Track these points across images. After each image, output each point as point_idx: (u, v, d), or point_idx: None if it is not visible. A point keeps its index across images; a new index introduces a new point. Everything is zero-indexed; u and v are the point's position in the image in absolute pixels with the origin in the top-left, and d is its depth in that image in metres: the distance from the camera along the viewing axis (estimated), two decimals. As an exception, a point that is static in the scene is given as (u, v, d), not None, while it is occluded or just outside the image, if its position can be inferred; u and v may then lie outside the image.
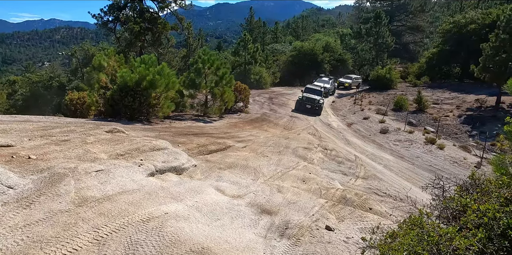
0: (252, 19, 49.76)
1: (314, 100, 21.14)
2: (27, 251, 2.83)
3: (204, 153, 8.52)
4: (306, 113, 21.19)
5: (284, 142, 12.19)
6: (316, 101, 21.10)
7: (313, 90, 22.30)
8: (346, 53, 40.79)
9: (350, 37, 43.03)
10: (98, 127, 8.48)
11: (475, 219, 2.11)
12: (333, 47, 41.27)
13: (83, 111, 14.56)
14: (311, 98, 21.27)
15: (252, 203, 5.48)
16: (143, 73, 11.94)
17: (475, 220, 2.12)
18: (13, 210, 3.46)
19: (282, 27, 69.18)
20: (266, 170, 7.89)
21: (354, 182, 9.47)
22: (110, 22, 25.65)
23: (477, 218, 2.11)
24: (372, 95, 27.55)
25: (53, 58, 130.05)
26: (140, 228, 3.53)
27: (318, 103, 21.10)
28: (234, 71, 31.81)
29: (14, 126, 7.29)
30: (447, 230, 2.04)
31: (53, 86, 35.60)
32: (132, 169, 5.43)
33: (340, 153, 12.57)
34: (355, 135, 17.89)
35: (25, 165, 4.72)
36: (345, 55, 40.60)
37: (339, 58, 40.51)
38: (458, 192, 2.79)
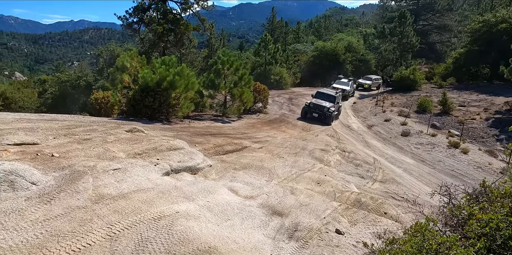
0: (274, 19, 49.69)
1: (323, 108, 18.17)
2: (45, 244, 3.01)
3: (220, 153, 8.65)
4: (313, 122, 18.30)
5: (301, 143, 12.16)
6: (325, 109, 18.12)
7: (325, 96, 19.25)
8: (369, 53, 40.10)
9: (373, 36, 42.27)
10: (119, 127, 8.79)
11: (478, 229, 2.08)
12: (356, 47, 40.65)
13: (107, 110, 15.08)
14: (319, 105, 18.38)
15: (264, 204, 5.53)
16: (163, 74, 12.23)
17: (477, 230, 2.09)
18: (35, 205, 3.68)
19: (305, 27, 68.75)
20: (281, 172, 7.92)
21: (371, 185, 9.34)
22: (135, 24, 26.38)
23: (479, 228, 2.07)
24: (394, 97, 26.92)
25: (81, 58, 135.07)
26: (151, 226, 3.67)
27: (327, 112, 18.11)
28: (255, 72, 31.94)
29: (41, 124, 7.68)
30: (446, 238, 2.03)
31: (80, 85, 36.94)
32: (148, 168, 5.61)
33: (359, 156, 12.41)
34: (375, 137, 17.58)
35: (48, 163, 4.99)
36: (367, 55, 39.91)
37: (362, 58, 39.86)
38: (466, 200, 2.74)
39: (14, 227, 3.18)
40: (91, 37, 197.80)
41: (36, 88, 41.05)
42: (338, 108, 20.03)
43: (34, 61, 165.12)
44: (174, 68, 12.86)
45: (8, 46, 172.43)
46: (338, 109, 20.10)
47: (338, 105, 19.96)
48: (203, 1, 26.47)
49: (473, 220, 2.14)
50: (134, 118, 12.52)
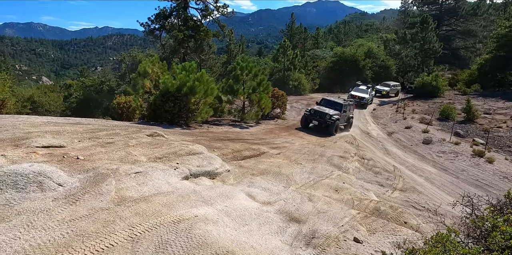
0: (293, 25, 49.85)
1: (325, 115, 16.09)
2: (70, 243, 3.13)
3: (238, 159, 8.72)
4: (313, 132, 16.34)
5: (320, 150, 12.08)
6: (327, 116, 16.03)
7: (331, 103, 17.26)
8: (389, 59, 39.48)
9: (394, 42, 41.59)
10: (140, 131, 9.01)
11: (502, 241, 2.03)
12: (376, 53, 40.16)
13: (128, 114, 15.48)
14: (321, 112, 16.33)
15: (281, 211, 5.53)
16: (183, 80, 12.48)
17: (501, 242, 2.04)
18: (61, 206, 3.83)
19: (324, 33, 68.53)
20: (299, 178, 7.90)
21: (391, 194, 9.16)
22: (157, 30, 27.07)
23: (503, 240, 2.02)
24: (416, 103, 26.36)
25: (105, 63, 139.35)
26: (171, 228, 3.75)
27: (329, 120, 16.00)
28: (273, 77, 32.06)
29: (67, 128, 7.98)
30: (468, 250, 1.99)
31: (103, 90, 38.07)
32: (168, 172, 5.73)
33: (378, 163, 12.20)
34: (396, 145, 17.24)
35: (73, 165, 5.18)
36: (388, 61, 39.31)
37: (382, 64, 39.30)
38: (490, 211, 2.67)
39: (42, 226, 3.33)
40: (114, 43, 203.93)
41: (61, 92, 42.61)
42: (347, 118, 17.88)
43: (60, 66, 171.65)
44: (194, 74, 13.11)
45: (37, 52, 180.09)
46: (347, 120, 18.02)
47: (347, 114, 17.78)
48: (223, 8, 26.94)
49: (496, 232, 2.09)
50: (154, 122, 12.79)
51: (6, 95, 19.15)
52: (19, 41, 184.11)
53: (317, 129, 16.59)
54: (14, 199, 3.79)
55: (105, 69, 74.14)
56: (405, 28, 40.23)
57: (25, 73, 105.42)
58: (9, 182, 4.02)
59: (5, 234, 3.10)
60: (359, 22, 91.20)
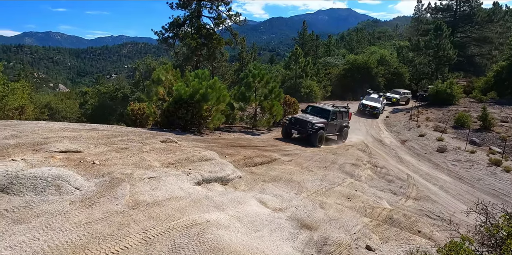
0: (305, 33, 50.10)
1: (306, 124, 13.98)
2: (87, 245, 3.22)
3: (250, 165, 8.76)
4: (294, 142, 14.31)
5: (331, 157, 12.03)
6: (308, 125, 13.92)
7: (317, 111, 15.34)
8: (402, 67, 39.16)
9: (407, 49, 41.31)
10: (154, 137, 9.17)
11: (517, 249, 2.01)
12: (389, 60, 39.93)
13: (142, 121, 15.75)
14: (301, 120, 14.25)
15: (292, 217, 5.53)
16: (196, 87, 12.67)
17: (516, 250, 2.01)
18: (78, 209, 3.94)
19: (336, 40, 68.60)
20: (310, 185, 7.88)
21: (404, 202, 9.04)
22: (170, 38, 27.61)
23: (518, 248, 2.00)
24: (430, 111, 26.02)
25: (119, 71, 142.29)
26: (184, 233, 3.80)
27: (311, 128, 13.85)
28: (285, 85, 32.15)
29: (83, 134, 8.19)
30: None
31: (118, 97, 38.83)
32: (181, 177, 5.81)
33: (391, 171, 12.06)
34: (409, 152, 17.00)
35: (90, 169, 5.32)
36: (401, 69, 38.99)
37: (395, 71, 39.00)
38: (505, 219, 2.64)
39: (60, 228, 3.43)
40: (129, 51, 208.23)
41: (77, 99, 43.69)
42: (338, 127, 15.84)
43: (76, 74, 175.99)
44: (206, 81, 13.30)
45: (54, 60, 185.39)
46: (339, 129, 15.93)
47: (337, 123, 15.63)
48: (235, 16, 27.34)
49: (510, 240, 2.07)
50: (167, 129, 12.98)
51: (25, 101, 19.73)
52: (37, 49, 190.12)
53: (300, 140, 14.48)
54: (33, 201, 3.92)
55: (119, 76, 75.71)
56: (418, 35, 39.96)
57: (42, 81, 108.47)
58: (29, 185, 4.16)
59: (25, 235, 3.21)
60: (371, 30, 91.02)
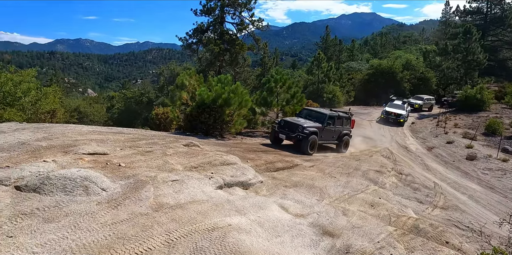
0: (327, 38, 49.80)
1: (296, 127, 12.34)
2: (112, 245, 3.30)
3: (271, 170, 8.73)
4: (286, 150, 12.47)
5: (354, 163, 11.80)
6: (298, 128, 12.28)
7: (312, 114, 13.74)
8: (429, 71, 38.08)
9: (434, 54, 40.16)
10: (177, 141, 9.32)
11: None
12: (415, 64, 38.96)
13: (166, 125, 16.08)
14: (291, 123, 12.62)
15: (314, 224, 5.45)
16: (219, 92, 12.83)
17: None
18: (104, 209, 4.05)
19: (359, 45, 67.76)
20: (333, 192, 7.76)
21: (431, 211, 8.71)
22: (194, 44, 28.20)
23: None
24: (458, 117, 25.09)
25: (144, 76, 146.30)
26: (205, 236, 3.83)
27: (301, 133, 12.17)
28: (307, 90, 32.01)
29: (109, 137, 8.44)
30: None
31: (143, 101, 39.87)
32: (203, 181, 5.87)
33: (417, 179, 11.68)
34: (436, 160, 16.43)
35: (116, 171, 5.47)
36: (428, 73, 37.92)
37: (421, 76, 37.98)
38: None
39: (87, 228, 3.54)
40: (154, 57, 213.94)
41: (104, 103, 45.20)
42: (336, 134, 13.94)
43: (104, 79, 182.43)
44: (229, 86, 13.44)
45: (84, 65, 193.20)
46: (337, 137, 14.01)
47: (335, 129, 13.81)
48: (258, 22, 27.60)
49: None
50: (190, 133, 13.18)
51: (56, 105, 20.60)
52: (68, 56, 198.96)
53: (293, 146, 12.69)
54: (63, 201, 4.07)
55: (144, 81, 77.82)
56: (446, 39, 38.85)
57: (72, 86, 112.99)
58: (59, 186, 4.32)
59: (55, 233, 3.33)
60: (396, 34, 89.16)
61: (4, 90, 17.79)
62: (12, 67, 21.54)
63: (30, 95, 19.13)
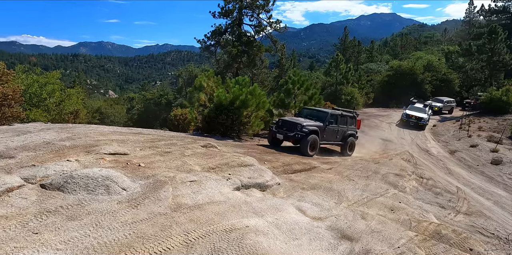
0: (346, 39, 49.24)
1: (295, 126, 11.63)
2: (132, 244, 3.36)
3: (289, 172, 8.69)
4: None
5: (373, 166, 11.58)
6: (298, 127, 11.54)
7: (313, 114, 13.04)
8: (451, 73, 37.01)
9: (457, 54, 39.03)
10: (195, 142, 9.42)
11: None
12: (436, 66, 37.95)
13: (184, 126, 16.30)
14: (291, 122, 12.01)
15: (332, 227, 5.38)
16: (236, 93, 12.89)
17: None
18: (124, 209, 4.13)
19: (379, 46, 66.69)
20: (351, 195, 7.63)
21: (454, 217, 8.44)
22: (212, 46, 28.49)
23: None
24: (483, 120, 24.23)
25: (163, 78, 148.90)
26: (223, 237, 3.84)
27: (300, 132, 11.45)
28: (325, 91, 31.72)
29: (130, 137, 8.62)
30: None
31: (162, 103, 40.57)
32: (220, 182, 5.90)
33: (439, 183, 11.35)
34: (459, 164, 15.92)
35: (135, 171, 5.57)
36: (450, 75, 36.85)
37: (443, 78, 36.95)
38: None
39: (108, 226, 3.61)
40: (173, 59, 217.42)
41: (125, 104, 46.25)
42: (341, 135, 13.11)
43: (124, 80, 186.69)
44: (246, 87, 13.49)
45: (105, 68, 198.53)
46: (342, 137, 13.19)
47: (339, 129, 12.97)
48: (275, 24, 27.63)
49: None
50: (208, 134, 13.29)
51: (79, 106, 21.22)
52: (90, 58, 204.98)
53: (289, 147, 12.12)
54: (85, 200, 4.18)
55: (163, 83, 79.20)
56: (470, 39, 37.69)
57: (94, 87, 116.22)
58: (82, 184, 4.44)
59: (77, 231, 3.42)
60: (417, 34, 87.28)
61: (30, 91, 18.49)
62: (38, 69, 22.40)
63: (54, 96, 19.81)
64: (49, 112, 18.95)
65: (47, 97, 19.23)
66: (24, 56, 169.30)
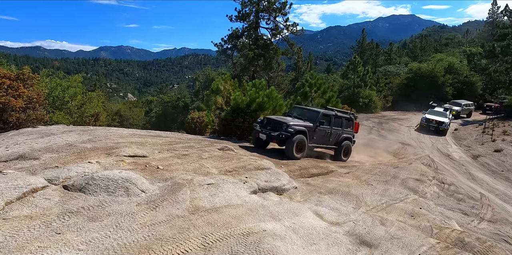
0: (363, 41, 48.65)
1: (281, 125, 10.44)
2: (151, 246, 3.39)
3: (305, 176, 8.61)
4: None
5: (393, 171, 11.34)
6: (283, 126, 10.32)
7: (303, 113, 11.85)
8: (474, 75, 35.94)
9: (480, 56, 37.85)
10: (212, 145, 9.48)
11: None
12: (458, 68, 36.97)
13: (201, 129, 16.44)
14: (276, 121, 10.74)
15: (350, 232, 5.29)
16: (253, 96, 12.91)
17: None
18: (143, 210, 4.19)
19: (398, 48, 65.56)
20: (369, 200, 7.49)
21: (477, 224, 8.15)
22: (229, 50, 28.68)
23: None
24: (507, 124, 23.39)
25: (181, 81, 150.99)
26: (240, 240, 3.83)
27: (285, 132, 10.24)
28: (342, 94, 31.40)
29: (148, 140, 8.76)
30: None
31: (179, 106, 41.10)
32: (237, 185, 5.90)
33: (461, 189, 11.01)
34: (482, 169, 15.40)
35: (154, 174, 5.65)
36: (472, 77, 35.81)
37: (465, 80, 35.94)
38: None
39: (128, 228, 3.67)
40: (190, 62, 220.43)
41: (143, 107, 47.12)
42: (335, 137, 11.96)
43: (143, 84, 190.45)
44: (263, 90, 13.49)
45: (124, 71, 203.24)
46: (336, 140, 12.03)
47: (332, 131, 11.78)
48: (292, 27, 27.59)
49: None
50: (225, 137, 13.35)
51: (99, 109, 21.75)
52: (110, 62, 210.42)
53: (274, 148, 11.23)
54: (105, 201, 4.26)
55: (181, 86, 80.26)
56: (493, 41, 36.44)
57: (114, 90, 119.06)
58: (102, 186, 4.53)
59: (98, 232, 3.49)
60: (438, 36, 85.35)
61: (53, 94, 19.10)
62: (61, 73, 23.15)
63: (76, 99, 20.39)
64: (71, 114, 19.52)
65: (69, 100, 19.83)
66: (48, 61, 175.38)
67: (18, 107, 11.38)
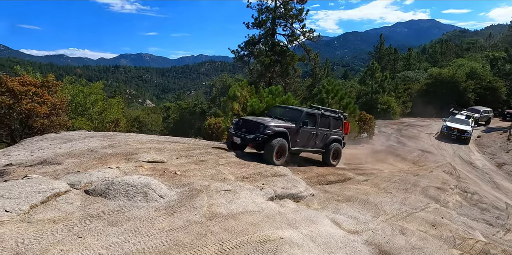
0: (381, 47, 48.05)
1: (257, 127, 9.05)
2: (169, 251, 3.42)
3: (323, 183, 8.51)
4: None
5: (413, 179, 11.07)
6: (260, 127, 8.99)
7: (286, 112, 10.33)
8: (497, 80, 34.86)
9: (504, 61, 36.77)
10: (229, 151, 9.51)
11: None
12: (480, 73, 35.95)
13: (218, 135, 16.55)
14: (253, 122, 9.38)
15: (369, 242, 5.18)
16: (270, 103, 12.93)
17: None
18: (162, 216, 4.23)
19: (417, 53, 64.49)
20: (389, 208, 7.32)
21: (503, 235, 7.83)
22: (245, 56, 28.91)
23: None
24: (533, 130, 22.49)
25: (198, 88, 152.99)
26: (257, 248, 3.81)
27: (261, 133, 8.95)
28: (360, 101, 31.04)
29: (166, 145, 8.88)
30: None
31: (196, 112, 41.59)
32: (254, 192, 5.90)
33: (485, 199, 10.62)
34: (508, 178, 14.83)
35: (172, 179, 5.71)
36: (496, 83, 34.73)
37: (488, 86, 34.88)
38: None
39: (146, 233, 3.71)
40: (207, 69, 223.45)
41: (161, 113, 47.91)
42: (321, 139, 10.59)
43: (161, 90, 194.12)
44: (279, 97, 13.51)
45: (143, 78, 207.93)
46: (323, 143, 10.72)
47: (319, 133, 10.45)
48: (309, 33, 27.59)
49: None
50: (241, 143, 13.36)
51: (119, 115, 22.25)
52: (130, 69, 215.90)
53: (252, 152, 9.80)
54: (125, 206, 4.33)
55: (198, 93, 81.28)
56: (517, 45, 35.39)
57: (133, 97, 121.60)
58: (122, 191, 4.62)
59: (118, 236, 3.54)
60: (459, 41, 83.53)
61: (76, 101, 19.70)
62: (83, 80, 23.88)
63: (97, 105, 20.95)
64: (92, 120, 20.06)
65: (90, 107, 20.42)
66: (70, 68, 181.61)
67: (43, 113, 11.80)
